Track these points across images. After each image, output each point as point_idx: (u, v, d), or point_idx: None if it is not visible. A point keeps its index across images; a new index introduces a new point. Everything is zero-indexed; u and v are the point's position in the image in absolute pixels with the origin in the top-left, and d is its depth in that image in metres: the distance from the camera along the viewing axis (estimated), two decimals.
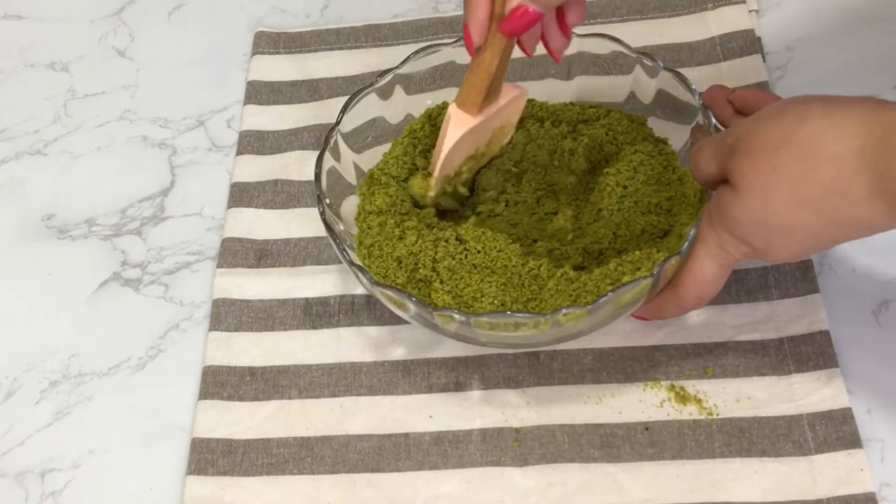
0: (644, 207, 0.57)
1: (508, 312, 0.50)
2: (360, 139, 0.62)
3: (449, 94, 0.64)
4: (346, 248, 0.55)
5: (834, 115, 0.44)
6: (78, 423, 0.61)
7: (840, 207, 0.44)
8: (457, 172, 0.59)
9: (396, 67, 0.62)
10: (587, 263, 0.56)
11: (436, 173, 0.58)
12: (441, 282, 0.54)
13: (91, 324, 0.65)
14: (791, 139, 0.45)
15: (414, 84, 0.63)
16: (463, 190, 0.61)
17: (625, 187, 0.57)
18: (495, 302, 0.53)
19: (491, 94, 0.56)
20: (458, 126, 0.56)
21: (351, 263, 0.54)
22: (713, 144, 0.50)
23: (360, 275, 0.53)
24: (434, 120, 0.62)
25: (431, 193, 0.59)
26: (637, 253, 0.53)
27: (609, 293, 0.49)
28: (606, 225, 0.57)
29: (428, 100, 0.64)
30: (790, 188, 0.45)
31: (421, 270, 0.55)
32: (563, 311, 0.49)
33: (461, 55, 0.62)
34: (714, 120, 0.56)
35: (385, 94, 0.62)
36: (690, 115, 0.58)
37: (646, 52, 0.60)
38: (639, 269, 0.52)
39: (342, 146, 0.61)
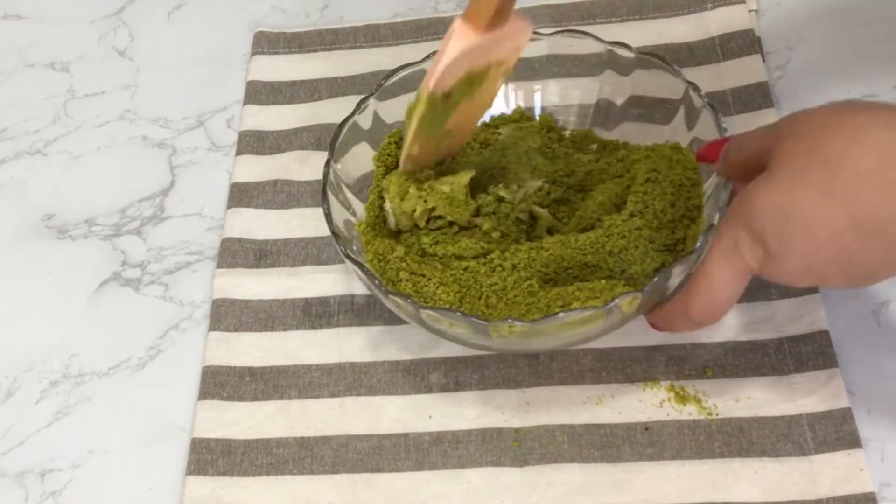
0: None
1: (458, 312, 0.50)
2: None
3: None
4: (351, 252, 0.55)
5: (891, 107, 0.43)
6: (78, 423, 0.61)
7: (867, 203, 0.42)
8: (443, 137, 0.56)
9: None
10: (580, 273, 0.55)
11: (431, 86, 0.53)
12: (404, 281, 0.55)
13: (91, 324, 0.65)
14: (842, 122, 0.44)
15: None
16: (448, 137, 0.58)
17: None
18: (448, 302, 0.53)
19: (501, 13, 0.52)
20: (460, 39, 0.52)
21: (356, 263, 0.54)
22: (761, 129, 0.49)
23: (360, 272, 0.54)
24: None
25: (421, 110, 0.54)
26: (602, 282, 0.52)
27: (558, 314, 0.49)
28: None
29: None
30: (823, 171, 0.43)
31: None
32: (509, 322, 0.49)
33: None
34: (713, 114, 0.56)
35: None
36: (669, 111, 0.58)
37: (620, 42, 0.59)
38: (596, 297, 0.51)
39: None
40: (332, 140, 0.59)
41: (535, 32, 0.61)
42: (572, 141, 0.63)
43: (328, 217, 0.56)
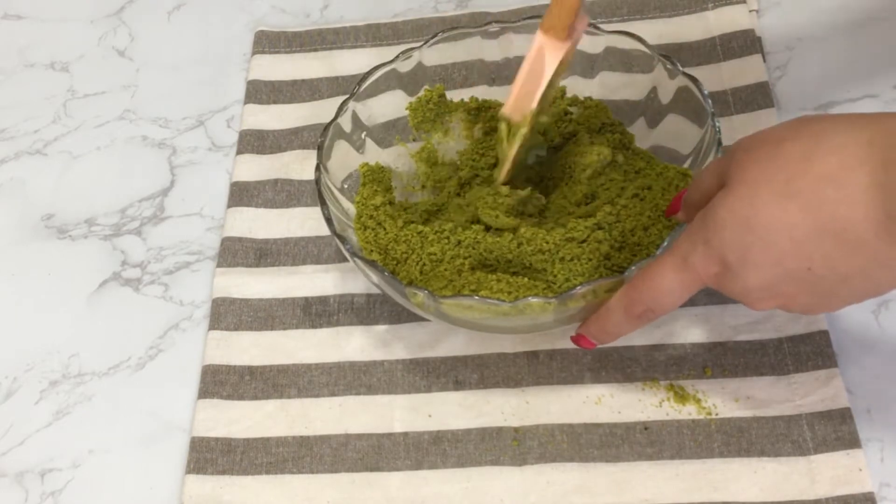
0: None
1: (385, 272, 0.52)
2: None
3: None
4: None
5: (849, 115, 0.43)
6: (78, 423, 0.61)
7: (831, 205, 0.41)
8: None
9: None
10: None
11: (535, 105, 0.54)
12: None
13: (91, 324, 0.65)
14: (800, 131, 0.43)
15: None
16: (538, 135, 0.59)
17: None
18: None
19: (579, 12, 0.52)
20: (554, 52, 0.52)
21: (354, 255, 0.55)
22: (714, 162, 0.49)
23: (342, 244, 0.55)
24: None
25: (525, 131, 0.56)
26: (526, 280, 0.53)
27: (458, 296, 0.50)
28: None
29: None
30: (785, 178, 0.42)
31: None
32: (415, 289, 0.51)
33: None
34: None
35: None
36: (703, 118, 0.58)
37: (666, 55, 0.59)
38: (508, 293, 0.52)
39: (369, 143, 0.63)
40: (318, 145, 0.60)
41: (594, 26, 0.62)
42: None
43: (329, 221, 0.56)
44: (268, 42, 0.77)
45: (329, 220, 0.56)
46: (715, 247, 0.45)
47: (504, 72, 0.65)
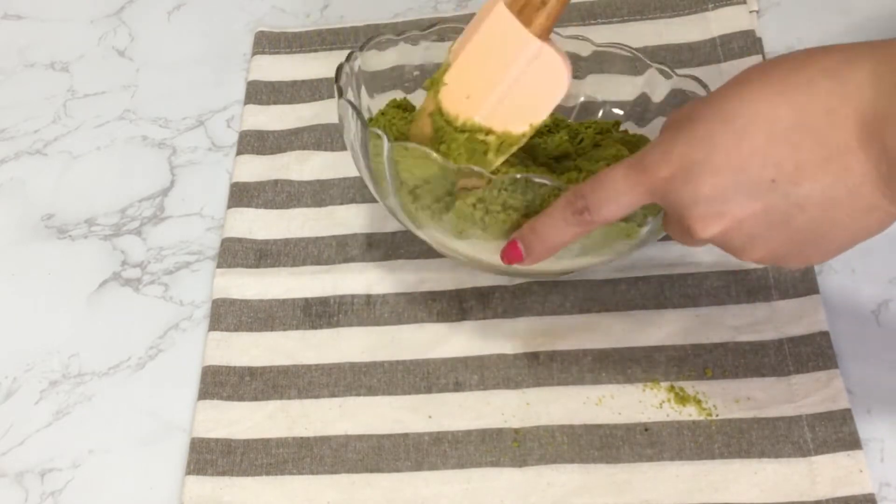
0: None
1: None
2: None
3: None
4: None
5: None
6: (78, 423, 0.61)
7: (822, 97, 0.37)
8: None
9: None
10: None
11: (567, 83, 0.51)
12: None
13: (91, 324, 0.65)
14: (785, 57, 0.40)
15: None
16: None
17: None
18: None
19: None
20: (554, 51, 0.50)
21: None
22: (618, 171, 0.44)
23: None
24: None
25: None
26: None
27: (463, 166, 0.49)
28: None
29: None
30: (782, 73, 0.38)
31: None
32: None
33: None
34: None
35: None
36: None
37: (663, 63, 0.59)
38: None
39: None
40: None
41: (583, 38, 0.62)
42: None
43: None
44: (268, 43, 0.77)
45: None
46: (681, 145, 0.40)
47: None
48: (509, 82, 0.51)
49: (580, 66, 0.62)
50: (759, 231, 0.41)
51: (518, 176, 0.49)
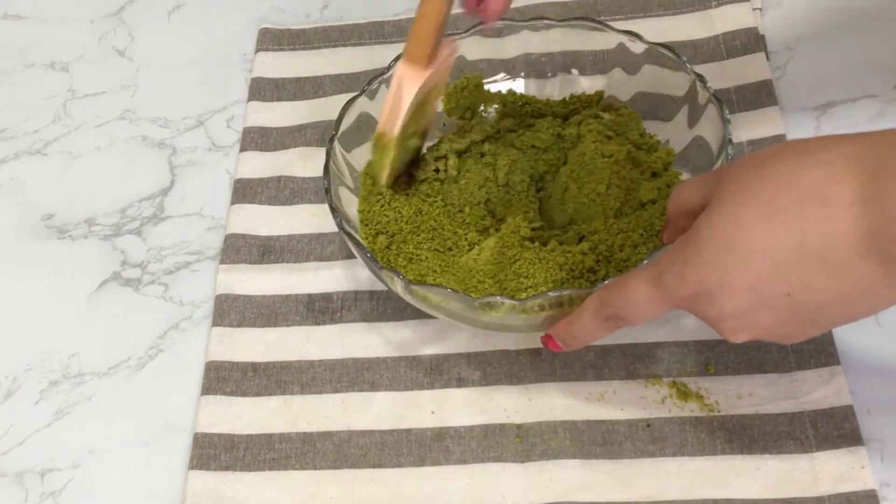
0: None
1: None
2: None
3: None
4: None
5: (836, 135, 0.42)
6: (78, 422, 0.61)
7: (813, 222, 0.40)
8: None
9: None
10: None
11: (395, 132, 0.57)
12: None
13: (91, 324, 0.65)
14: (785, 150, 0.42)
15: None
16: (414, 142, 0.61)
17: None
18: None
19: (437, 44, 0.56)
20: (413, 82, 0.56)
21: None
22: (704, 174, 0.47)
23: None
24: None
25: (392, 153, 0.58)
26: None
27: (483, 299, 0.51)
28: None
29: None
30: (769, 196, 0.41)
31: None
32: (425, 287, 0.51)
33: None
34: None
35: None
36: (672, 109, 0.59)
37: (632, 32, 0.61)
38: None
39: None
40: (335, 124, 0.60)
41: (547, 20, 0.64)
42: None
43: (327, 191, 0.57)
44: (271, 39, 0.77)
45: (328, 190, 0.57)
46: (693, 267, 0.43)
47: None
48: (388, 102, 0.58)
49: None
50: (791, 329, 0.44)
51: (540, 298, 0.50)
